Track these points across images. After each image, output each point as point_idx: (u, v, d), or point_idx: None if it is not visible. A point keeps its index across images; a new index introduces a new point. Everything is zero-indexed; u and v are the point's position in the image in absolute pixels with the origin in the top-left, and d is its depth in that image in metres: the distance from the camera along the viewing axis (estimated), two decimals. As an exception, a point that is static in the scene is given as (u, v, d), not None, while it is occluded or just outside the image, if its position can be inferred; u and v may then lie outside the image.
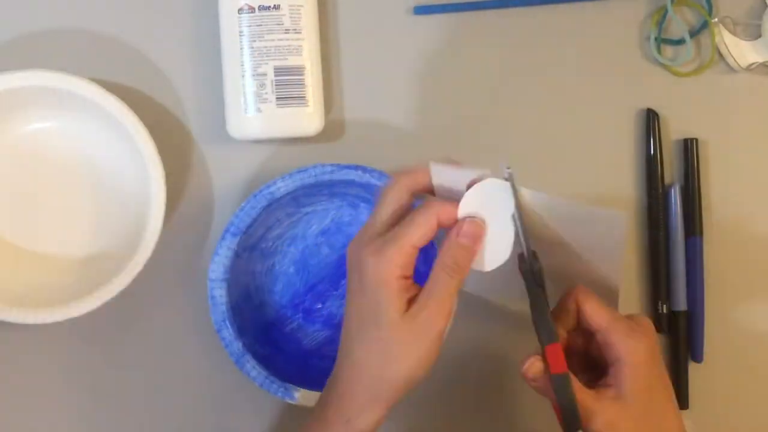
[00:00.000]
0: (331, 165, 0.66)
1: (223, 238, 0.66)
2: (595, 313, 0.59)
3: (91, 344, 0.70)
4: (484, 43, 0.72)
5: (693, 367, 0.72)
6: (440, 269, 0.56)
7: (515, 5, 0.72)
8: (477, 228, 0.56)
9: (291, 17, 0.67)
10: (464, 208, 0.56)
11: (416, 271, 0.56)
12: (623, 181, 0.73)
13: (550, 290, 0.58)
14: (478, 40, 0.72)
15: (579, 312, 0.59)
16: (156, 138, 0.65)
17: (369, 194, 0.68)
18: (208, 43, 0.70)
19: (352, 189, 0.68)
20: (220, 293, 0.66)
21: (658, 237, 0.72)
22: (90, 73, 0.67)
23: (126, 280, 0.64)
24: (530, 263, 0.57)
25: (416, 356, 0.55)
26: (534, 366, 0.57)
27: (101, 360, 0.70)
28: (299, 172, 0.66)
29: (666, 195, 0.72)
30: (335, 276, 0.70)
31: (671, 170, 0.73)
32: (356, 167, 0.66)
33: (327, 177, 0.66)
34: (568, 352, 0.58)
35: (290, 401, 0.66)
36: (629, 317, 0.60)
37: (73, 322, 0.64)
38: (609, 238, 0.59)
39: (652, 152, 0.72)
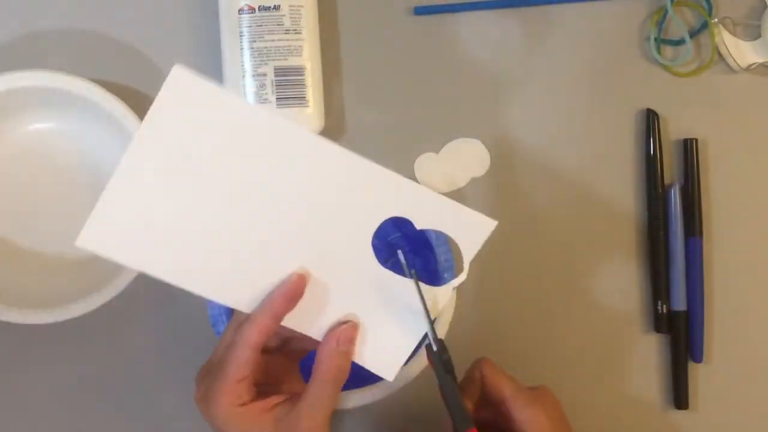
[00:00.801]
0: None
1: None
2: (499, 384, 0.58)
3: (91, 344, 0.70)
4: (484, 43, 0.72)
5: (693, 367, 0.72)
6: (321, 382, 0.55)
7: (515, 5, 0.72)
8: (354, 332, 0.57)
9: (291, 17, 0.67)
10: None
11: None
12: (623, 181, 0.73)
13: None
14: (478, 40, 0.72)
15: (483, 383, 0.59)
16: (156, 138, 0.65)
17: None
18: (208, 43, 0.70)
19: None
20: None
21: (658, 237, 0.72)
22: (90, 73, 0.67)
23: (125, 281, 0.64)
24: (439, 353, 0.56)
25: None
26: None
27: (101, 360, 0.70)
28: None
29: (666, 195, 0.72)
30: None
31: (671, 170, 0.73)
32: None
33: None
34: (478, 423, 0.57)
35: None
36: (532, 388, 0.60)
37: (73, 322, 0.64)
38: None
39: (652, 152, 0.72)
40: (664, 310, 0.72)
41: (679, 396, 0.72)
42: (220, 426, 0.54)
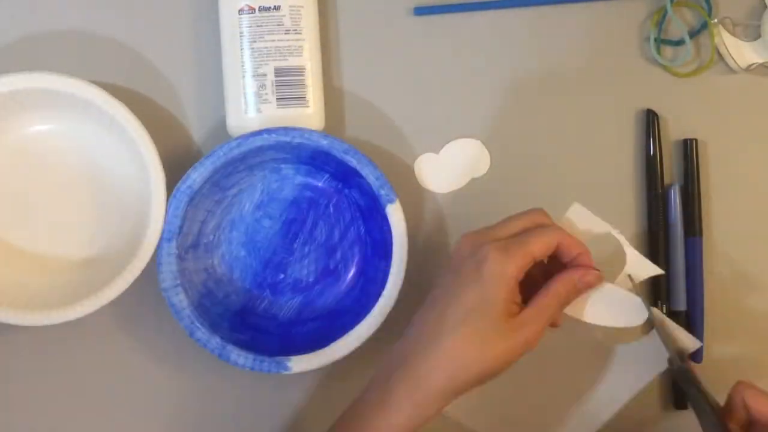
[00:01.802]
0: (236, 139, 0.66)
1: (160, 247, 0.65)
2: (760, 405, 0.59)
3: (91, 345, 0.70)
4: (484, 43, 0.72)
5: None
6: (553, 296, 0.59)
7: (515, 5, 0.72)
8: (596, 281, 0.61)
9: (291, 18, 0.67)
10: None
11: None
12: (623, 181, 0.73)
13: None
14: (478, 40, 0.72)
15: (748, 408, 0.59)
16: (156, 139, 0.65)
17: (285, 153, 0.68)
18: (209, 43, 0.70)
19: (266, 155, 0.67)
20: (179, 299, 0.65)
21: (658, 237, 0.72)
22: (91, 75, 0.67)
23: (126, 283, 0.64)
24: (678, 366, 0.60)
25: (503, 360, 0.57)
26: None
27: (101, 360, 0.70)
28: (208, 157, 0.65)
29: (666, 195, 0.72)
30: (285, 242, 0.70)
31: (671, 170, 0.73)
32: (260, 131, 0.66)
33: (236, 152, 0.65)
34: None
35: (286, 372, 0.65)
36: None
37: (72, 324, 0.64)
38: None
39: (652, 152, 0.72)
40: (664, 311, 0.72)
41: (679, 396, 0.72)
42: (488, 280, 0.57)
